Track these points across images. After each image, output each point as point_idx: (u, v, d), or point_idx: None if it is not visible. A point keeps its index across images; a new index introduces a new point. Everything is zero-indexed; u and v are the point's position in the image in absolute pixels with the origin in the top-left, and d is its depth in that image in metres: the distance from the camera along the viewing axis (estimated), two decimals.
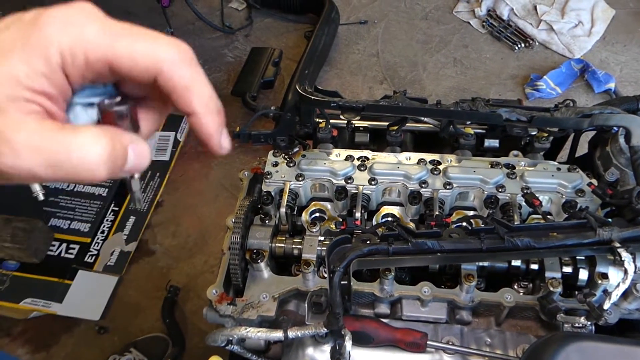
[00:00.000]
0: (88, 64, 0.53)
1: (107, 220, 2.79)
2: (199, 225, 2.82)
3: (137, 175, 0.62)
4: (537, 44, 3.42)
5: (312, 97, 1.35)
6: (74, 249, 2.69)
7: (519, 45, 3.40)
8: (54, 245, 2.69)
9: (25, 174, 0.50)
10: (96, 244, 2.71)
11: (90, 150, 0.51)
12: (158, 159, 3.01)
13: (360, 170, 1.48)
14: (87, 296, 2.55)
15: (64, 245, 2.70)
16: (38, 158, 0.49)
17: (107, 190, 2.88)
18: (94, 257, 2.66)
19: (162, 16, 3.16)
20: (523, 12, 3.49)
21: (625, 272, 1.15)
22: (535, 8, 3.47)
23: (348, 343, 1.17)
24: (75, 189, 2.89)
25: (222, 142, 0.63)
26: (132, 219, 2.80)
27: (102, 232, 2.75)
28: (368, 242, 1.20)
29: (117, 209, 2.83)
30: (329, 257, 1.18)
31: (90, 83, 0.56)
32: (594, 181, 1.40)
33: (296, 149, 1.54)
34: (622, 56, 3.33)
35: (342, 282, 1.18)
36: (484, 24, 3.54)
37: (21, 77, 0.50)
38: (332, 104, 1.35)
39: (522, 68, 3.33)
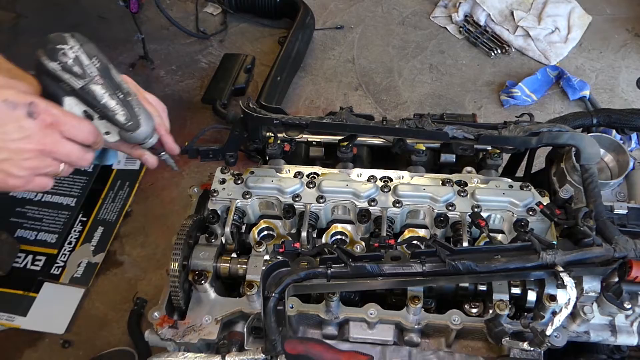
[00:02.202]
0: None
1: (74, 230, 2.74)
2: (168, 236, 2.73)
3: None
4: (513, 50, 3.39)
5: (255, 114, 1.32)
6: (40, 260, 2.64)
7: (496, 52, 3.37)
8: (19, 257, 2.64)
9: None
10: (63, 256, 2.66)
11: None
12: (128, 168, 2.96)
13: (309, 187, 1.45)
14: (52, 309, 2.50)
15: (30, 257, 2.65)
16: None
17: (75, 200, 2.83)
18: (60, 269, 2.61)
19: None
20: (500, 18, 3.46)
21: (568, 297, 1.12)
22: (512, 14, 3.45)
23: None
24: (43, 199, 2.84)
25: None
26: (100, 229, 2.75)
27: (70, 243, 2.70)
28: (305, 265, 1.17)
29: (85, 219, 2.78)
30: (264, 282, 1.15)
31: None
32: (545, 200, 1.37)
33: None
34: (597, 63, 3.31)
35: (278, 308, 1.15)
36: (461, 29, 3.51)
37: None
38: (275, 121, 1.31)
39: (498, 74, 3.30)
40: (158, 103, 1.21)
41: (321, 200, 1.42)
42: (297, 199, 1.43)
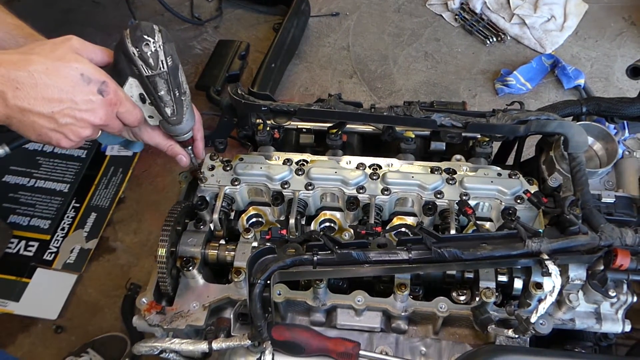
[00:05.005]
0: None
1: (67, 217, 2.74)
2: (161, 222, 2.76)
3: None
4: (509, 38, 3.37)
5: (243, 101, 1.31)
6: (33, 246, 2.64)
7: (491, 40, 3.35)
8: (12, 243, 2.64)
9: None
10: (56, 241, 2.66)
11: None
12: (121, 154, 2.95)
13: (298, 174, 1.45)
14: (45, 295, 2.51)
15: (23, 243, 2.65)
16: None
17: (68, 186, 2.83)
18: (53, 255, 2.61)
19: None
20: (496, 6, 3.44)
21: (553, 285, 1.13)
22: (508, 2, 3.42)
23: (268, 357, 1.14)
24: (36, 185, 2.83)
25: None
26: (93, 215, 2.75)
27: (63, 229, 2.70)
28: (292, 252, 1.17)
29: (78, 205, 2.78)
30: (250, 268, 1.15)
31: None
32: (533, 188, 1.37)
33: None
34: (593, 52, 3.29)
35: (264, 294, 1.15)
36: (457, 17, 3.49)
37: None
38: (263, 108, 1.30)
39: (493, 63, 3.29)
40: (196, 112, 1.33)
41: (310, 188, 1.42)
42: (285, 186, 1.43)
